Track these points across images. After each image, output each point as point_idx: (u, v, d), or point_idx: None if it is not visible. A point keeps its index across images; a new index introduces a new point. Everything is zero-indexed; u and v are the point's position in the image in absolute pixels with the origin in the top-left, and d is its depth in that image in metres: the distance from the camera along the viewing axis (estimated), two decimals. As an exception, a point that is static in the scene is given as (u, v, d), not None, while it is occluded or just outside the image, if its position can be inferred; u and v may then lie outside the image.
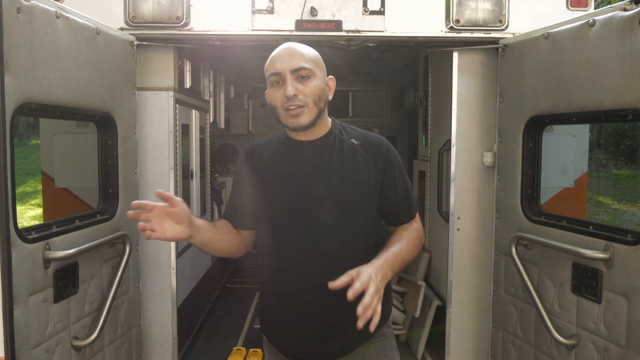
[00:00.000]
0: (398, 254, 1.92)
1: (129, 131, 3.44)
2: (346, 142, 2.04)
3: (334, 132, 2.07)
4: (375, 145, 2.05)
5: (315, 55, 2.01)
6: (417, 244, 2.07)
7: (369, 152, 2.03)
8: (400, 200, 2.08)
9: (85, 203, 3.99)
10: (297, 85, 1.92)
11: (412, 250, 2.02)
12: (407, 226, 2.10)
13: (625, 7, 2.52)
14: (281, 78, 1.94)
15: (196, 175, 4.84)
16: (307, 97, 1.93)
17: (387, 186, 2.04)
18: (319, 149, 2.03)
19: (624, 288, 2.55)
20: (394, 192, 2.06)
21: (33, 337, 2.52)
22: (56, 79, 2.63)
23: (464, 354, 3.95)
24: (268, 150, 2.11)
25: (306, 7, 3.56)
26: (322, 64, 2.02)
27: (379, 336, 2.11)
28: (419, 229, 2.12)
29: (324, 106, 2.00)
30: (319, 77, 1.97)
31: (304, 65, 1.93)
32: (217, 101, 6.14)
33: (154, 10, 3.55)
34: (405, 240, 2.02)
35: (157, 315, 3.82)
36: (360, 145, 2.04)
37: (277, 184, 2.03)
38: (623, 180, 14.46)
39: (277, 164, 2.06)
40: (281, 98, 1.93)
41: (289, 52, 1.96)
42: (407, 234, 2.06)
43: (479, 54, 3.80)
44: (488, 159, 3.78)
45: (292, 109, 1.92)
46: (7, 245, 2.32)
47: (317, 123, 1.99)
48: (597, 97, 2.70)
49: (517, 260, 3.21)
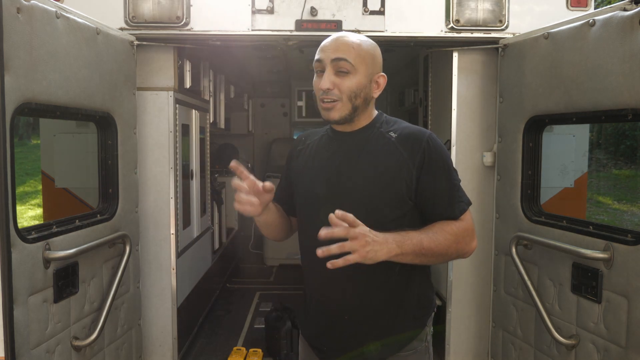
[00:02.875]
0: (414, 236, 1.77)
1: (129, 131, 3.44)
2: (384, 135, 1.96)
3: (376, 124, 2.00)
4: (414, 139, 1.91)
5: (366, 50, 1.92)
6: (452, 238, 1.85)
7: (405, 146, 1.90)
8: (440, 198, 1.90)
9: (85, 203, 3.99)
10: (334, 78, 1.88)
11: (439, 242, 1.82)
12: (447, 221, 1.90)
13: (625, 7, 2.52)
14: (322, 67, 1.90)
15: (196, 175, 4.84)
16: (343, 92, 1.88)
17: (424, 182, 1.88)
18: (354, 142, 1.98)
19: (624, 288, 2.55)
20: (433, 189, 1.89)
21: (33, 337, 2.52)
22: (56, 79, 2.63)
23: (464, 354, 3.95)
24: (314, 140, 2.10)
25: (306, 7, 3.56)
26: (370, 59, 1.93)
27: (407, 350, 1.97)
28: (462, 226, 1.89)
29: (361, 103, 1.92)
30: (362, 73, 1.90)
31: (346, 58, 1.86)
32: (217, 101, 6.14)
33: (154, 10, 3.55)
34: (433, 230, 1.84)
35: (157, 315, 3.82)
36: (398, 139, 1.93)
37: (310, 174, 2.02)
38: (623, 180, 14.45)
39: (316, 153, 2.05)
40: (319, 89, 1.90)
41: (336, 43, 1.90)
42: (440, 225, 1.87)
43: (479, 54, 3.80)
44: (488, 159, 3.78)
45: (325, 101, 1.90)
46: (7, 245, 2.32)
47: (354, 117, 1.94)
48: (597, 97, 2.70)
49: (517, 260, 3.21)
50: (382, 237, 1.70)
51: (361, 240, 1.64)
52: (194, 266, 4.78)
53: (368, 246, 1.65)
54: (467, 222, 1.93)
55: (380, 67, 1.99)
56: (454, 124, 3.85)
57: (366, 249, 1.64)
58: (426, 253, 1.80)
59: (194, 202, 4.79)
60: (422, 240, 1.79)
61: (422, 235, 1.80)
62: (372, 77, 1.94)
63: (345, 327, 1.97)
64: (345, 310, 1.95)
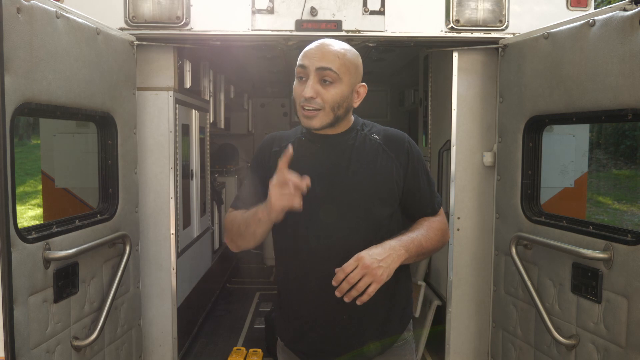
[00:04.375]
0: (415, 238, 1.89)
1: (129, 131, 3.44)
2: (368, 138, 1.99)
3: (356, 127, 2.02)
4: (397, 140, 2.00)
5: (350, 59, 1.91)
6: (439, 234, 2.01)
7: (390, 148, 1.98)
8: (423, 196, 2.04)
9: (85, 203, 3.99)
10: (318, 87, 1.86)
11: (432, 238, 1.96)
12: (429, 217, 2.06)
13: (625, 7, 2.52)
14: (305, 74, 1.88)
15: (196, 175, 4.84)
16: (326, 102, 1.87)
17: (409, 182, 1.99)
18: (339, 144, 1.98)
19: (624, 288, 2.55)
20: (417, 187, 2.01)
21: (33, 337, 2.52)
22: (56, 79, 2.63)
23: (464, 354, 3.95)
24: (289, 142, 2.03)
25: (306, 7, 3.56)
26: (354, 69, 1.92)
27: (400, 341, 2.07)
28: (442, 221, 2.07)
29: (343, 113, 1.94)
30: (346, 83, 1.89)
31: (331, 68, 1.85)
32: (217, 101, 6.14)
33: (154, 10, 3.55)
34: (424, 228, 1.97)
35: (157, 315, 3.82)
36: (382, 140, 1.99)
37: None
38: (623, 180, 14.45)
39: (296, 156, 1.95)
40: (301, 94, 1.88)
41: (322, 51, 1.88)
42: (428, 222, 2.01)
43: (479, 54, 3.80)
44: (488, 159, 3.78)
45: (307, 109, 1.88)
46: (7, 245, 2.32)
47: (335, 125, 1.95)
48: (597, 97, 2.70)
49: (517, 260, 3.21)
50: (388, 249, 1.79)
51: (372, 271, 1.72)
52: (194, 266, 4.78)
53: (380, 270, 1.74)
54: (443, 215, 2.11)
55: (361, 77, 1.99)
56: (454, 124, 3.85)
57: (379, 273, 1.73)
58: (424, 251, 1.94)
59: (194, 202, 4.78)
60: (420, 240, 1.91)
61: (419, 235, 1.92)
62: (354, 87, 1.94)
63: (343, 329, 1.96)
64: (344, 311, 1.94)
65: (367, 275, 1.72)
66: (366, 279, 1.72)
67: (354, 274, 1.72)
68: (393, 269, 1.77)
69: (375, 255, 1.75)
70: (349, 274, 1.72)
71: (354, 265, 1.73)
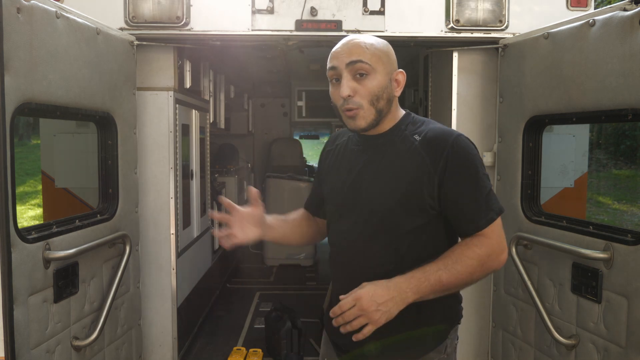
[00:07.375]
0: (433, 274, 1.69)
1: (129, 131, 3.44)
2: (408, 139, 1.83)
3: (401, 126, 1.87)
4: (438, 142, 1.77)
5: (380, 48, 1.81)
6: (474, 264, 1.72)
7: (428, 150, 1.77)
8: (466, 207, 1.76)
9: (85, 203, 3.99)
10: (353, 84, 1.77)
11: (460, 272, 1.71)
12: (469, 240, 1.77)
13: (625, 7, 2.52)
14: (337, 74, 1.80)
15: (196, 175, 4.84)
16: (363, 98, 1.77)
17: (447, 189, 1.75)
18: (375, 146, 1.88)
19: (624, 288, 2.55)
20: (456, 196, 1.76)
21: (33, 337, 2.52)
22: (56, 79, 2.63)
23: (464, 354, 3.94)
24: (342, 141, 2.01)
25: (306, 7, 3.56)
26: (386, 57, 1.82)
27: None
28: (486, 245, 1.75)
29: (384, 105, 1.81)
30: (381, 72, 1.79)
31: (361, 59, 1.76)
32: (217, 101, 6.14)
33: (154, 10, 3.55)
34: (453, 259, 1.72)
35: (157, 315, 3.82)
36: (421, 142, 1.80)
37: (333, 179, 1.97)
38: (623, 180, 14.46)
39: (342, 157, 1.97)
40: (339, 97, 1.80)
41: (347, 46, 1.80)
42: (461, 249, 1.74)
43: (479, 54, 3.80)
44: (488, 159, 3.78)
45: (348, 110, 1.79)
46: (7, 245, 2.32)
47: (380, 121, 1.84)
48: (597, 97, 2.70)
49: (517, 260, 3.21)
50: (393, 289, 1.67)
51: (369, 314, 1.64)
52: (194, 266, 4.78)
53: (377, 314, 1.64)
54: (493, 237, 1.79)
55: (396, 64, 1.88)
56: (454, 124, 3.84)
57: (376, 317, 1.65)
58: (447, 288, 1.73)
59: (194, 202, 4.78)
60: (440, 276, 1.70)
61: (440, 269, 1.70)
62: (391, 75, 1.84)
63: None
64: None
65: (363, 317, 1.64)
66: (362, 320, 1.65)
67: (350, 313, 1.65)
68: (394, 313, 1.66)
69: (376, 298, 1.65)
70: (346, 311, 1.66)
71: (351, 305, 1.65)
